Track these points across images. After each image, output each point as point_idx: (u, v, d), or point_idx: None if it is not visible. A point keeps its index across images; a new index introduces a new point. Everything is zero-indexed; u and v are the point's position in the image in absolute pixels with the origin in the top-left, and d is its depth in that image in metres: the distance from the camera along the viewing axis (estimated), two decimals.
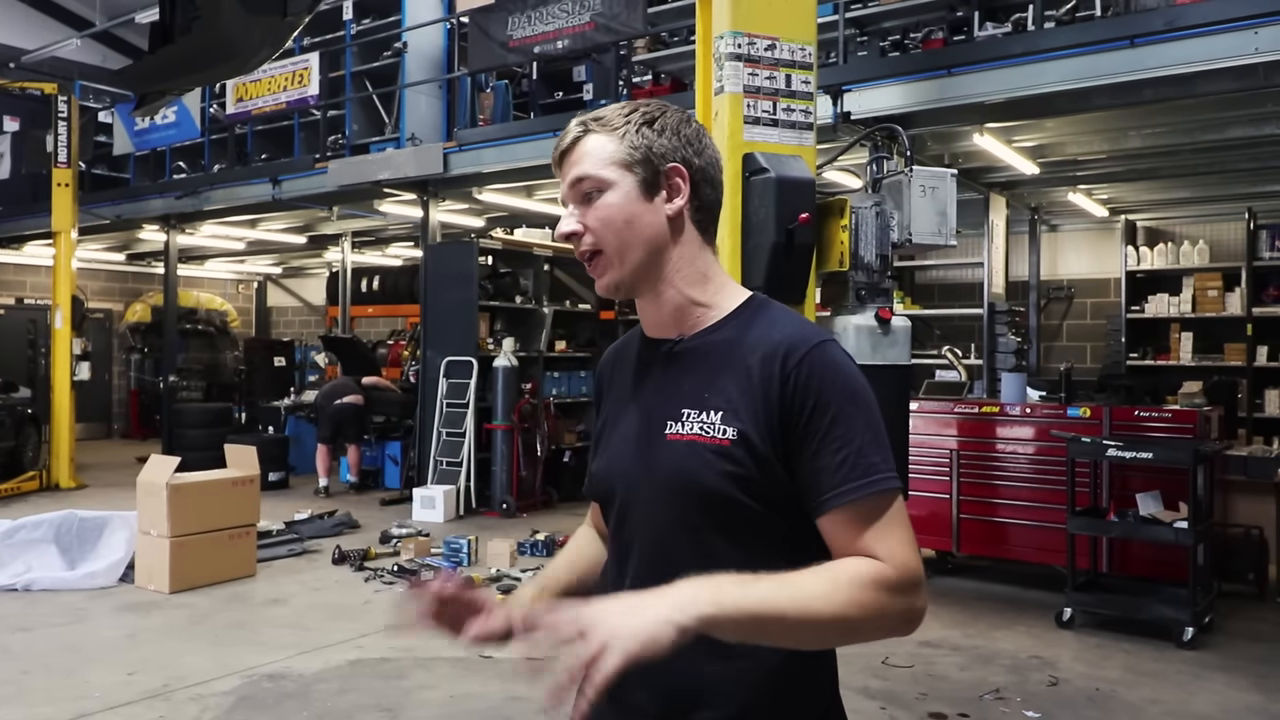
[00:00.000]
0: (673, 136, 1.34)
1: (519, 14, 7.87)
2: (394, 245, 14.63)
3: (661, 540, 1.32)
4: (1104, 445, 5.47)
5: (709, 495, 1.27)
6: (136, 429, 15.72)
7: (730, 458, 1.26)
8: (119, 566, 6.25)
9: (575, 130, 1.35)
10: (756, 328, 1.32)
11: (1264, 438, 8.54)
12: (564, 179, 1.36)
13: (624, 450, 1.39)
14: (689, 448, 1.29)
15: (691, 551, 1.28)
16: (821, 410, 1.24)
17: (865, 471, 1.23)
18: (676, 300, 1.35)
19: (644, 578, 1.30)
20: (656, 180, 1.33)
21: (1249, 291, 8.94)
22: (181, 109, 10.57)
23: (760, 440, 1.25)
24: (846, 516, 1.22)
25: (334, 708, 4.21)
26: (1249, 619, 5.62)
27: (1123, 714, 4.24)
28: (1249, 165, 7.77)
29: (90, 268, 15.31)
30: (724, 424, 1.27)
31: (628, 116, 1.34)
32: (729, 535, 1.28)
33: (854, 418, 1.25)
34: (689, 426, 1.30)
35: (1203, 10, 5.20)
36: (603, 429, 1.47)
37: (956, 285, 10.88)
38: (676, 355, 1.36)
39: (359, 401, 10.05)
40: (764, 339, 1.30)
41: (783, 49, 3.26)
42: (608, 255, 1.33)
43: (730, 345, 1.32)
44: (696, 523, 1.29)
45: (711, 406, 1.29)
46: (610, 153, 1.32)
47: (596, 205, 1.32)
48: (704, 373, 1.32)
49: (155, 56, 3.06)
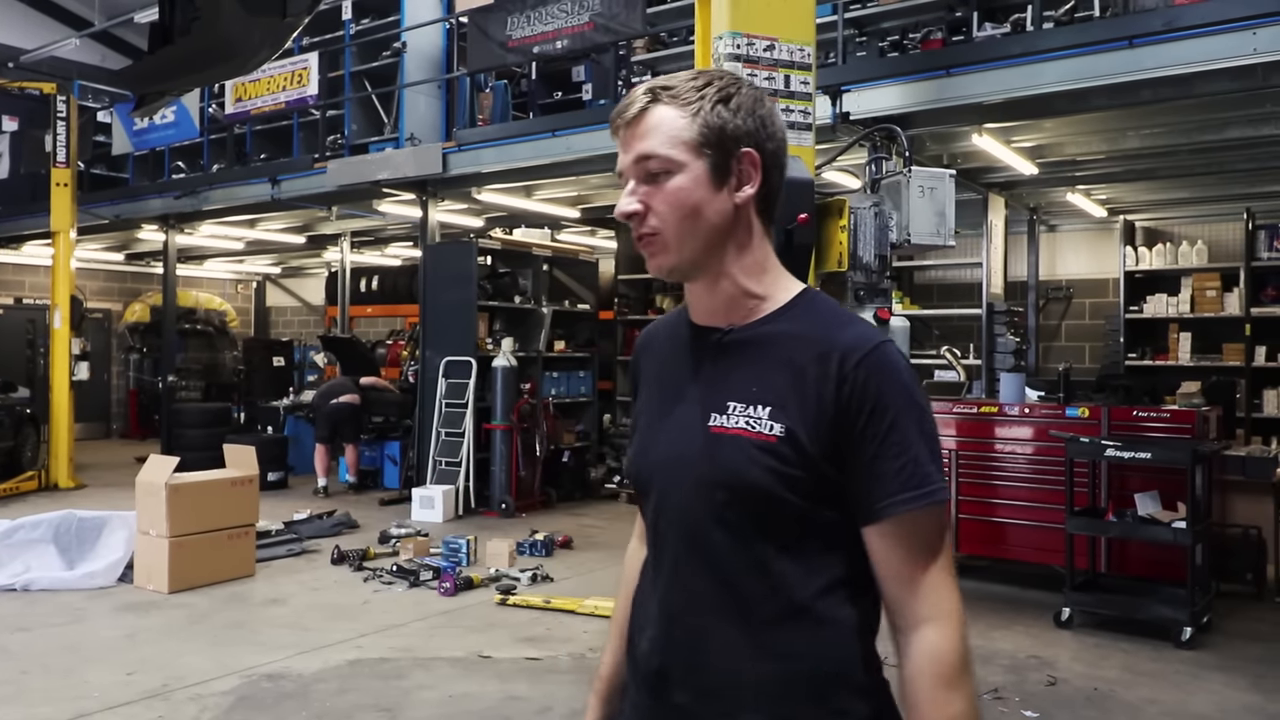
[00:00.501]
0: (747, 117, 1.27)
1: (518, 14, 7.87)
2: (393, 245, 14.63)
3: (697, 533, 1.28)
4: (1102, 445, 5.47)
5: (749, 490, 1.23)
6: (135, 429, 15.72)
7: (775, 454, 1.22)
8: (118, 566, 6.25)
9: (642, 99, 1.26)
10: (810, 323, 1.28)
11: (1262, 438, 8.54)
12: (626, 149, 1.28)
13: (664, 438, 1.34)
14: (733, 441, 1.25)
15: (727, 545, 1.25)
16: (880, 414, 1.20)
17: (921, 481, 1.20)
18: (731, 290, 1.30)
19: (680, 569, 1.30)
20: (728, 165, 1.26)
21: (1247, 292, 8.95)
22: (180, 109, 10.57)
23: (808, 439, 1.21)
24: (898, 530, 1.20)
25: (333, 708, 4.21)
26: (1247, 619, 5.62)
27: (1121, 714, 4.24)
28: (1247, 165, 7.78)
29: (89, 267, 15.30)
30: (771, 420, 1.23)
31: (701, 91, 1.26)
32: (766, 532, 1.24)
33: (912, 424, 1.21)
34: (734, 420, 1.25)
35: (1201, 11, 5.21)
36: (640, 414, 1.42)
37: (955, 285, 10.89)
38: (726, 346, 1.31)
39: (355, 401, 10.05)
40: (820, 336, 1.25)
41: (781, 49, 3.26)
42: (666, 239, 1.27)
43: (783, 340, 1.27)
44: (733, 518, 1.25)
45: (759, 401, 1.25)
46: (681, 130, 1.24)
47: (665, 188, 1.25)
48: (753, 366, 1.28)
49: (154, 57, 3.06)
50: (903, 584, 1.21)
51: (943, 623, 1.20)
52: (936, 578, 1.21)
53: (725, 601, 1.26)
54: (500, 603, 5.88)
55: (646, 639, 1.34)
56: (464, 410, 8.92)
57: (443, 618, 5.61)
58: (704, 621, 1.27)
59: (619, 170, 1.29)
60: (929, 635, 1.20)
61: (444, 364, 9.10)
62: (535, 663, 4.82)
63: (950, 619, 1.21)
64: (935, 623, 1.20)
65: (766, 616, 1.24)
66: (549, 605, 5.78)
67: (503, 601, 5.89)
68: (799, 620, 1.24)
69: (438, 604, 5.89)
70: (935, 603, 1.20)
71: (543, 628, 5.41)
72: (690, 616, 1.28)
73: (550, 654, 4.96)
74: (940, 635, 1.20)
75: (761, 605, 1.24)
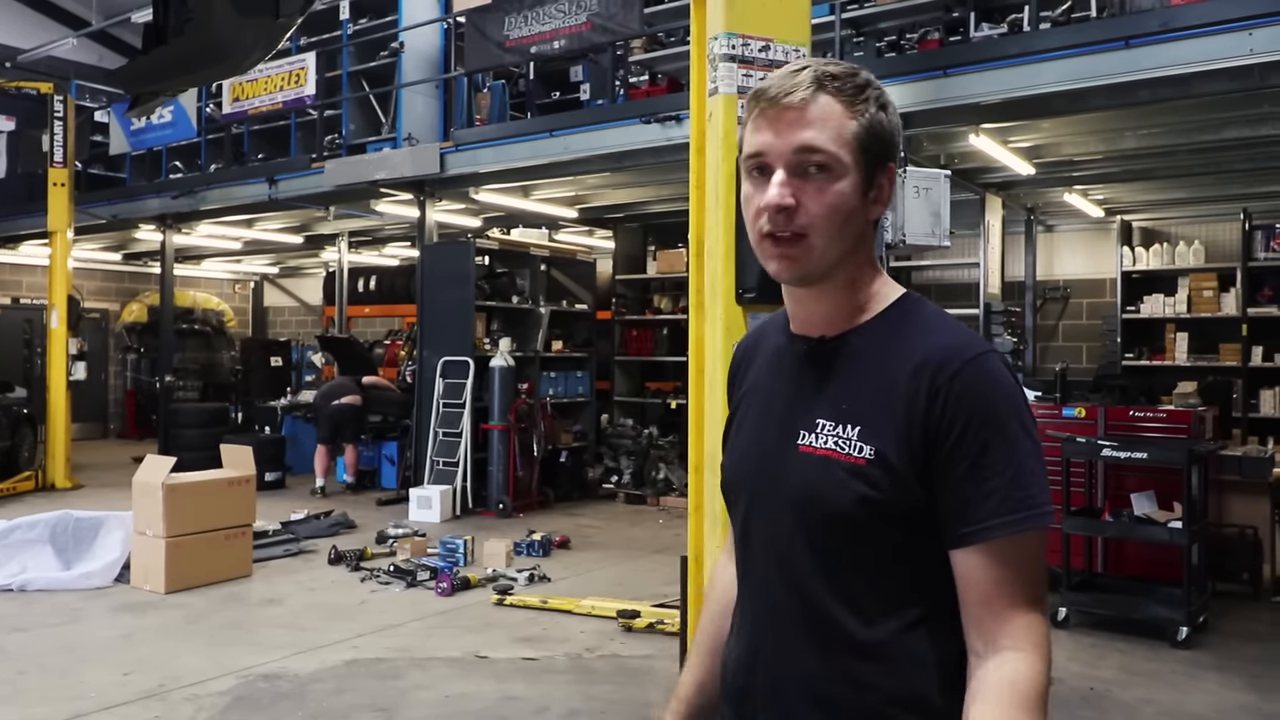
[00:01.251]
0: (897, 132, 1.22)
1: (516, 14, 7.87)
2: (390, 245, 14.62)
3: (784, 554, 1.24)
4: (1099, 445, 5.48)
5: (837, 516, 1.17)
6: (133, 429, 15.70)
7: (866, 478, 1.15)
8: (114, 567, 6.24)
9: (809, 83, 1.17)
10: (907, 333, 1.20)
11: (1259, 438, 8.54)
12: (780, 133, 1.17)
13: (755, 453, 1.30)
14: (822, 463, 1.19)
15: (812, 569, 1.21)
16: (974, 432, 1.12)
17: (1015, 506, 1.11)
18: (837, 299, 1.24)
19: (767, 587, 1.27)
20: (874, 177, 1.20)
21: (1244, 292, 8.95)
22: (178, 109, 10.56)
23: (899, 459, 1.14)
24: (989, 556, 1.12)
25: (329, 708, 4.21)
26: (1243, 619, 5.63)
27: (1117, 714, 4.24)
28: (1244, 166, 7.78)
29: (86, 267, 15.29)
30: (861, 440, 1.17)
31: (864, 90, 1.19)
32: (854, 558, 1.19)
33: (1009, 442, 1.13)
34: (824, 440, 1.20)
35: (1198, 11, 5.22)
36: (733, 421, 1.39)
37: (953, 285, 10.88)
38: (818, 356, 1.25)
39: (357, 402, 10.04)
40: (915, 346, 1.18)
41: (777, 50, 3.26)
42: (811, 244, 1.18)
43: (876, 351, 1.21)
44: (820, 542, 1.20)
45: (849, 420, 1.19)
46: (847, 129, 1.17)
47: (826, 191, 1.17)
48: (845, 380, 1.22)
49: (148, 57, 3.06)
50: (987, 611, 1.12)
51: (1029, 653, 1.11)
52: (1026, 609, 1.12)
53: (809, 625, 1.22)
54: (497, 603, 5.88)
55: (733, 655, 1.33)
56: (461, 410, 8.92)
57: (440, 618, 5.61)
58: (788, 644, 1.24)
59: (757, 150, 1.19)
60: (1011, 659, 1.11)
61: (441, 364, 9.10)
62: (532, 663, 4.82)
63: (1038, 651, 1.12)
64: (1020, 652, 1.11)
65: (850, 645, 1.19)
66: (546, 605, 5.78)
67: (500, 602, 5.89)
68: (882, 651, 1.18)
69: (435, 604, 5.89)
70: (1023, 633, 1.12)
71: (540, 628, 5.41)
72: (775, 636, 1.25)
73: (547, 654, 4.96)
74: (1024, 663, 1.11)
75: (845, 633, 1.19)
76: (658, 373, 11.72)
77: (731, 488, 1.36)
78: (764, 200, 1.18)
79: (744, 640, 1.31)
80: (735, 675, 1.31)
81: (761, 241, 1.21)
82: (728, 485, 1.37)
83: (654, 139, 7.33)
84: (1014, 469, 1.12)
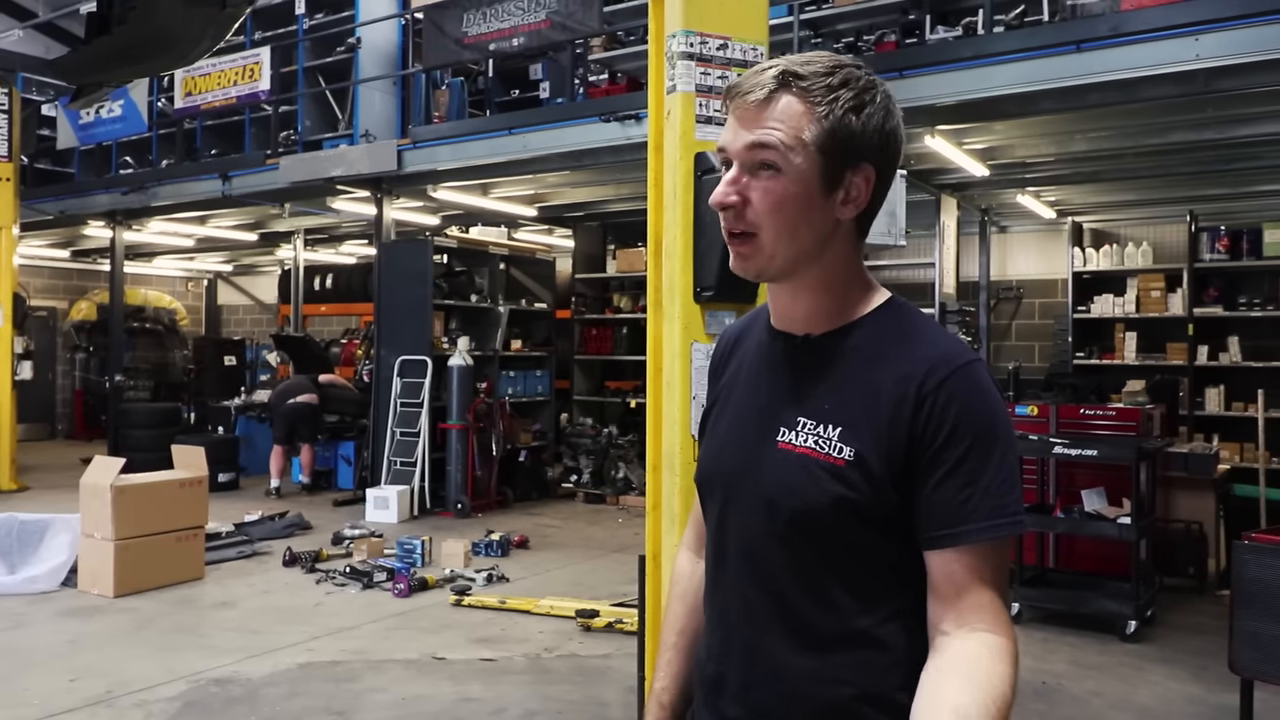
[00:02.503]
0: (875, 134, 1.19)
1: (474, 11, 7.83)
2: (347, 243, 14.44)
3: (758, 549, 1.24)
4: (1051, 443, 5.57)
5: (812, 514, 1.18)
6: (81, 430, 15.37)
7: (843, 479, 1.16)
8: (61, 570, 6.10)
9: (771, 81, 1.16)
10: (893, 338, 1.21)
11: (1204, 435, 8.75)
12: (739, 129, 1.18)
13: (733, 448, 1.30)
14: (801, 461, 1.19)
15: (787, 566, 1.22)
16: (957, 440, 1.14)
17: (995, 513, 1.14)
18: (813, 300, 1.24)
19: (740, 582, 1.27)
20: (841, 177, 1.19)
21: (1190, 292, 9.15)
22: (128, 103, 10.35)
23: (878, 462, 1.15)
24: (966, 559, 1.14)
25: (283, 712, 4.15)
26: (1189, 612, 5.76)
27: (1068, 706, 4.32)
28: (1190, 169, 7.95)
29: (33, 265, 14.93)
30: (841, 441, 1.17)
31: (835, 91, 1.16)
32: (828, 559, 1.20)
33: (991, 450, 1.14)
34: (804, 439, 1.20)
35: (1146, 17, 5.32)
36: (710, 412, 1.38)
37: (909, 285, 11.00)
38: (801, 355, 1.25)
39: (313, 401, 9.90)
40: (901, 353, 1.19)
41: (734, 48, 3.26)
42: (761, 243, 1.19)
43: (861, 354, 1.21)
44: (796, 540, 1.20)
45: (831, 420, 1.19)
46: (804, 129, 1.15)
47: (770, 187, 1.17)
48: (828, 380, 1.22)
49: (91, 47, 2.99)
50: (959, 600, 1.15)
51: (1002, 633, 1.14)
52: (994, 599, 1.15)
53: (782, 621, 1.22)
54: (455, 604, 5.84)
55: (705, 646, 1.34)
56: (419, 410, 8.84)
57: (397, 619, 5.55)
58: (760, 638, 1.24)
59: (721, 146, 1.20)
60: (983, 634, 1.13)
61: (399, 363, 9.02)
62: (490, 664, 4.79)
63: (1006, 631, 1.14)
64: (992, 631, 1.14)
65: (821, 642, 1.20)
66: (504, 606, 5.75)
67: (458, 602, 5.85)
68: (853, 648, 1.19)
69: (392, 605, 5.83)
70: (994, 617, 1.14)
71: (498, 628, 5.38)
72: (748, 630, 1.26)
73: (505, 655, 4.93)
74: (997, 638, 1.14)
75: (817, 630, 1.20)
76: (617, 372, 11.72)
77: (707, 481, 1.35)
78: (712, 200, 1.20)
79: (716, 634, 1.31)
80: (706, 665, 1.33)
81: (727, 238, 1.22)
82: (703, 479, 1.36)
83: (613, 138, 7.32)
84: (995, 476, 1.14)
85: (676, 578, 1.50)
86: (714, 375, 1.42)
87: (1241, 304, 9.08)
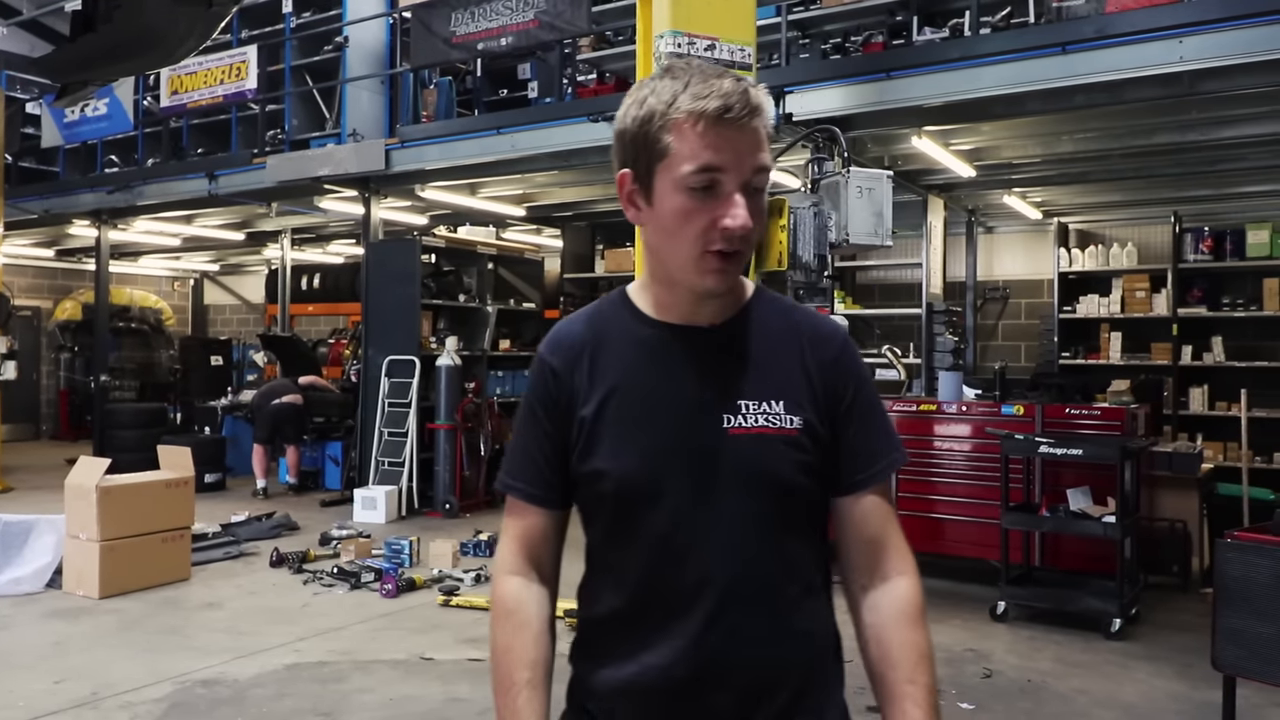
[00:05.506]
0: None
1: (462, 10, 7.81)
2: (335, 242, 14.40)
3: (730, 536, 1.26)
4: (1036, 442, 5.60)
5: (784, 486, 1.27)
6: (66, 430, 15.27)
7: (800, 446, 1.27)
8: (46, 572, 6.06)
9: (756, 103, 1.22)
10: (780, 318, 1.34)
11: (1188, 434, 8.82)
12: (738, 145, 1.21)
13: (669, 448, 1.27)
14: (759, 440, 1.26)
15: (758, 541, 1.27)
16: (860, 391, 1.32)
17: (891, 448, 1.34)
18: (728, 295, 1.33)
19: (714, 573, 1.26)
20: None
21: (1174, 293, 9.22)
22: (114, 101, 10.29)
23: (819, 424, 1.29)
24: (879, 496, 1.33)
25: (270, 713, 4.14)
26: (1173, 610, 5.80)
27: (1054, 704, 4.35)
28: (1174, 170, 8.01)
29: (17, 264, 14.83)
30: (788, 413, 1.27)
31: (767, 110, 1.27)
32: (794, 522, 1.30)
33: (876, 399, 1.35)
34: (753, 419, 1.26)
35: (1131, 19, 5.36)
36: (600, 423, 1.30)
37: (896, 285, 11.06)
38: (716, 343, 1.30)
39: (298, 401, 9.87)
40: (796, 326, 1.33)
41: (722, 49, 3.28)
42: (745, 257, 1.27)
43: (764, 333, 1.32)
44: (768, 515, 1.27)
45: (771, 396, 1.28)
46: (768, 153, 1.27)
47: (759, 208, 1.24)
48: (751, 361, 1.30)
49: (76, 45, 2.97)
50: (881, 544, 1.33)
51: (912, 574, 1.34)
52: (900, 536, 1.36)
53: (756, 594, 1.28)
54: (443, 604, 5.83)
55: (661, 655, 1.27)
56: (407, 410, 8.82)
57: (384, 620, 5.54)
58: (738, 618, 1.27)
59: (715, 165, 1.20)
60: (903, 585, 1.33)
61: (387, 363, 8.99)
62: (478, 664, 4.79)
63: (915, 571, 1.36)
64: (906, 576, 1.33)
65: (789, 601, 1.30)
66: None
67: (446, 603, 5.84)
68: (810, 598, 1.32)
69: (379, 606, 5.82)
70: (905, 557, 1.34)
71: (486, 629, 5.35)
72: (730, 615, 1.27)
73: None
74: (911, 585, 1.33)
75: (785, 592, 1.30)
76: None
77: (645, 487, 1.28)
78: (734, 221, 1.20)
79: (685, 634, 1.26)
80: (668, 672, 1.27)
81: (705, 256, 1.22)
82: (636, 487, 1.28)
83: (601, 137, 7.32)
84: (884, 420, 1.35)
85: (509, 609, 1.38)
86: (563, 392, 1.33)
87: (1225, 304, 9.16)
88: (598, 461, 1.30)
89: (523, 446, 1.38)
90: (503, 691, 1.34)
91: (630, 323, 1.34)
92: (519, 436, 1.39)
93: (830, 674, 1.36)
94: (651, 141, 1.23)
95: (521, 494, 1.37)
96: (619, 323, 1.35)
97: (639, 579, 1.30)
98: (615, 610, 1.33)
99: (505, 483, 1.40)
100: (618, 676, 1.31)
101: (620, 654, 1.32)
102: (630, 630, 1.31)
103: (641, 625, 1.30)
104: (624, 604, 1.32)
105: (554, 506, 1.38)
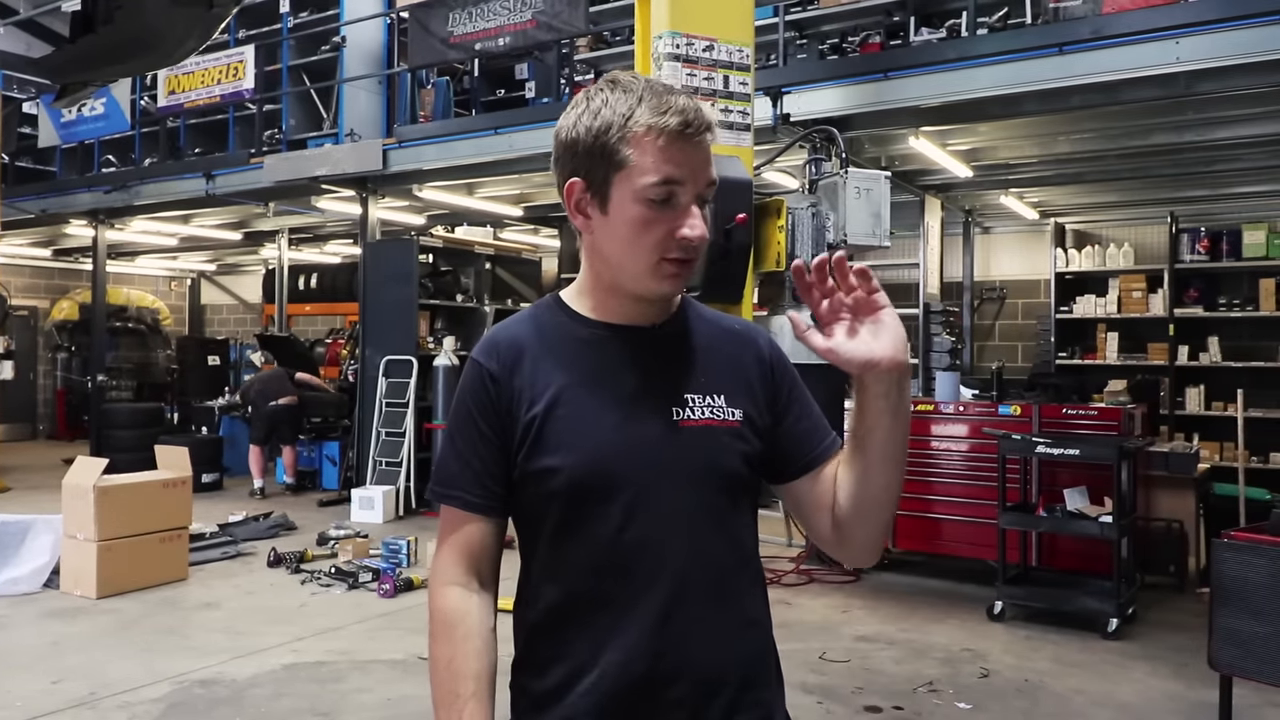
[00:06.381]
0: None
1: (460, 10, 7.82)
2: (332, 242, 14.38)
3: (685, 529, 1.28)
4: (1033, 442, 5.61)
5: (732, 476, 1.32)
6: (63, 430, 15.25)
7: (742, 436, 1.33)
8: (43, 572, 6.06)
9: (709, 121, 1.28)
10: (709, 317, 1.43)
11: (1185, 434, 8.83)
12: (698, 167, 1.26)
13: (622, 443, 1.28)
14: (706, 432, 1.31)
15: (710, 531, 1.31)
16: (793, 383, 1.42)
17: (828, 428, 1.43)
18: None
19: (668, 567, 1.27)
20: None
21: (1171, 293, 9.23)
22: (111, 101, 10.28)
23: (758, 415, 1.36)
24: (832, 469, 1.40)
25: (268, 713, 4.14)
26: (1170, 610, 5.81)
27: (1050, 704, 4.35)
28: (1171, 171, 8.03)
29: (14, 263, 14.81)
30: (729, 405, 1.33)
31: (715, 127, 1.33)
32: (739, 511, 1.35)
33: (805, 391, 1.45)
34: (699, 411, 1.32)
35: (1128, 20, 5.38)
36: (547, 421, 1.28)
37: (894, 285, 11.05)
38: (659, 341, 1.35)
39: (294, 402, 9.87)
40: (726, 326, 1.43)
41: (720, 50, 3.29)
42: (694, 264, 1.32)
43: (702, 332, 1.39)
44: (720, 504, 1.32)
45: (713, 390, 1.34)
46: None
47: (706, 217, 1.30)
48: (694, 357, 1.36)
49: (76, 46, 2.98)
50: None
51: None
52: None
53: (711, 583, 1.30)
54: None
55: (618, 651, 1.26)
56: (405, 410, 8.83)
57: (382, 619, 5.55)
58: (693, 609, 1.28)
59: (675, 178, 1.24)
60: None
61: (384, 363, 9.00)
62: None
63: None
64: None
65: (740, 590, 1.34)
66: None
67: None
68: (756, 587, 1.37)
69: (377, 606, 5.82)
70: None
71: None
72: (686, 607, 1.27)
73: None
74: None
75: (735, 580, 1.33)
76: None
77: (597, 481, 1.27)
78: (693, 232, 1.27)
79: (641, 630, 1.26)
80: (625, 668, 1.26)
81: (661, 264, 1.27)
82: (588, 483, 1.27)
83: None
84: (816, 408, 1.45)
85: (451, 621, 1.33)
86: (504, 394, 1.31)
87: (1221, 304, 9.17)
88: (548, 459, 1.28)
89: (457, 454, 1.33)
90: (446, 706, 1.30)
91: (570, 325, 1.36)
92: (451, 445, 1.35)
93: (773, 668, 1.39)
94: (610, 153, 1.25)
95: (459, 502, 1.33)
96: (558, 325, 1.36)
97: (589, 577, 1.29)
98: (564, 613, 1.31)
99: (440, 492, 1.35)
100: (574, 680, 1.29)
101: (571, 656, 1.29)
102: (580, 630, 1.29)
103: (593, 624, 1.28)
104: (573, 605, 1.30)
105: (494, 514, 1.34)
